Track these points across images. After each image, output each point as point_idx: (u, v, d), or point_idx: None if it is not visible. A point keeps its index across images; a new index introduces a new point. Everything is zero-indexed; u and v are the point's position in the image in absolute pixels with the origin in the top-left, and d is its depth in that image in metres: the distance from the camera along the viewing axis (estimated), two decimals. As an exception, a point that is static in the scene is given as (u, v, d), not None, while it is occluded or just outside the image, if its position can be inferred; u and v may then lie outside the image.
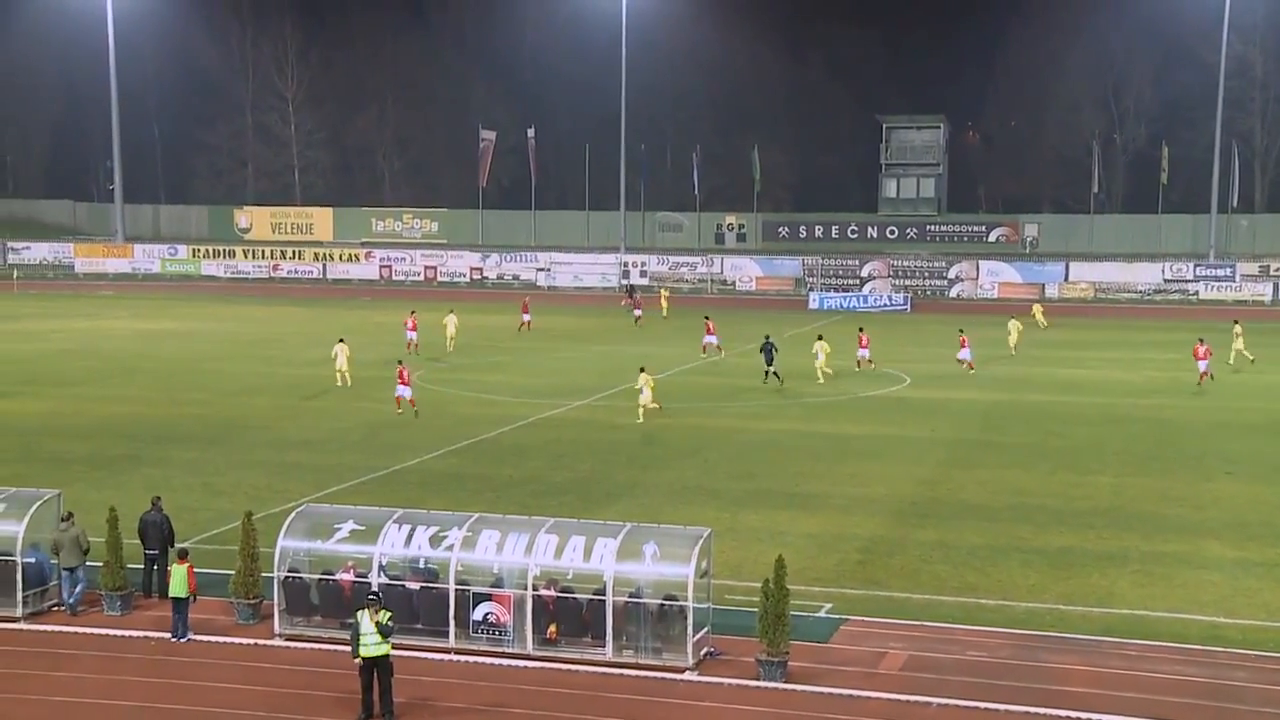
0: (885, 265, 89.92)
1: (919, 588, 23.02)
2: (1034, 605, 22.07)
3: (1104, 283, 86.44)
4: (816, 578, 23.41)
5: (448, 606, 19.82)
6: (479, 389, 45.01)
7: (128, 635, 20.62)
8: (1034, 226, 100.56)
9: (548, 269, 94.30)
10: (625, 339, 61.60)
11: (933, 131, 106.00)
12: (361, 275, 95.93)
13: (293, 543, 20.69)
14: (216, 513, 27.49)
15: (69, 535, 21.46)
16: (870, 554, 25.06)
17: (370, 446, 34.95)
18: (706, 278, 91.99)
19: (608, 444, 35.74)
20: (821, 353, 48.36)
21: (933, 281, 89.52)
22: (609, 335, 62.63)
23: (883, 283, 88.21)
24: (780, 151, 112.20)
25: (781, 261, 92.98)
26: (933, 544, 25.74)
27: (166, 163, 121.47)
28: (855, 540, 25.99)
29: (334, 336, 53.76)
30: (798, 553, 24.55)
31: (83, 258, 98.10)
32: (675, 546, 19.64)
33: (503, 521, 20.80)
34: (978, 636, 20.57)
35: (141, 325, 57.43)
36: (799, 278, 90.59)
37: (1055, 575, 23.71)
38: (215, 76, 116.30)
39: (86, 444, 34.68)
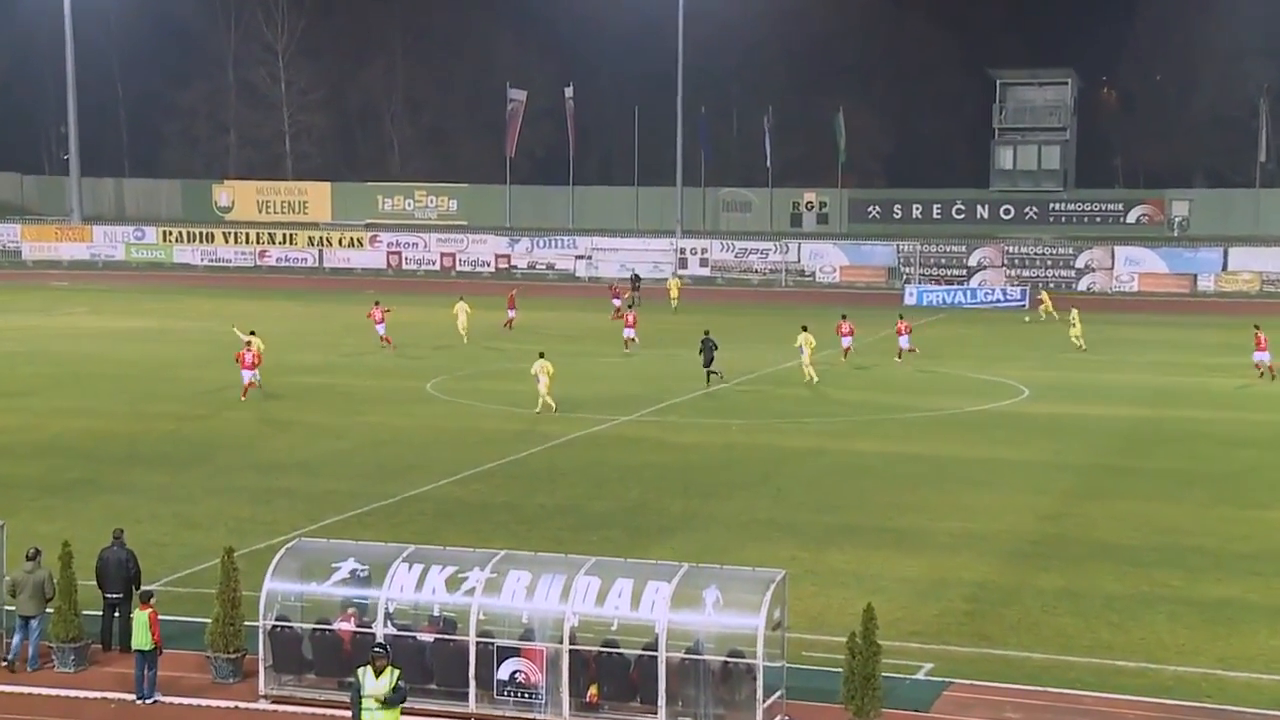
0: (998, 252, 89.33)
1: (1040, 645, 22.79)
2: (1185, 669, 21.78)
3: (1273, 273, 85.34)
4: (915, 631, 23.24)
5: (467, 663, 19.84)
6: (505, 400, 45.18)
7: (83, 696, 20.77)
8: (1183, 204, 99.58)
9: (588, 256, 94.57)
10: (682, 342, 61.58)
11: (1058, 89, 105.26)
12: (365, 264, 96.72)
13: (282, 585, 20.79)
14: (191, 548, 27.70)
15: (34, 578, 21.54)
16: (980, 603, 24.86)
17: (375, 469, 35.13)
18: (780, 267, 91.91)
19: (660, 467, 35.71)
20: (806, 347, 48.62)
21: (1057, 272, 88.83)
22: (661, 337, 62.63)
23: (995, 273, 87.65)
24: (871, 114, 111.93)
25: (871, 248, 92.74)
26: (1058, 592, 25.49)
27: (132, 128, 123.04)
28: (962, 586, 25.79)
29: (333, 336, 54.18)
30: (891, 601, 24.39)
31: (31, 241, 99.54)
32: (742, 592, 19.54)
33: (534, 560, 20.80)
34: (1114, 706, 20.33)
35: (102, 323, 58.21)
36: (893, 267, 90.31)
37: (1212, 633, 23.39)
38: (190, 25, 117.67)
39: (36, 465, 35.10)
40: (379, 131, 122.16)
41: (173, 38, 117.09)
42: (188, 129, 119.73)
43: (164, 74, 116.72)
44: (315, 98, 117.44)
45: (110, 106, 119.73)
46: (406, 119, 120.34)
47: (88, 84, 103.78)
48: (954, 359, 56.26)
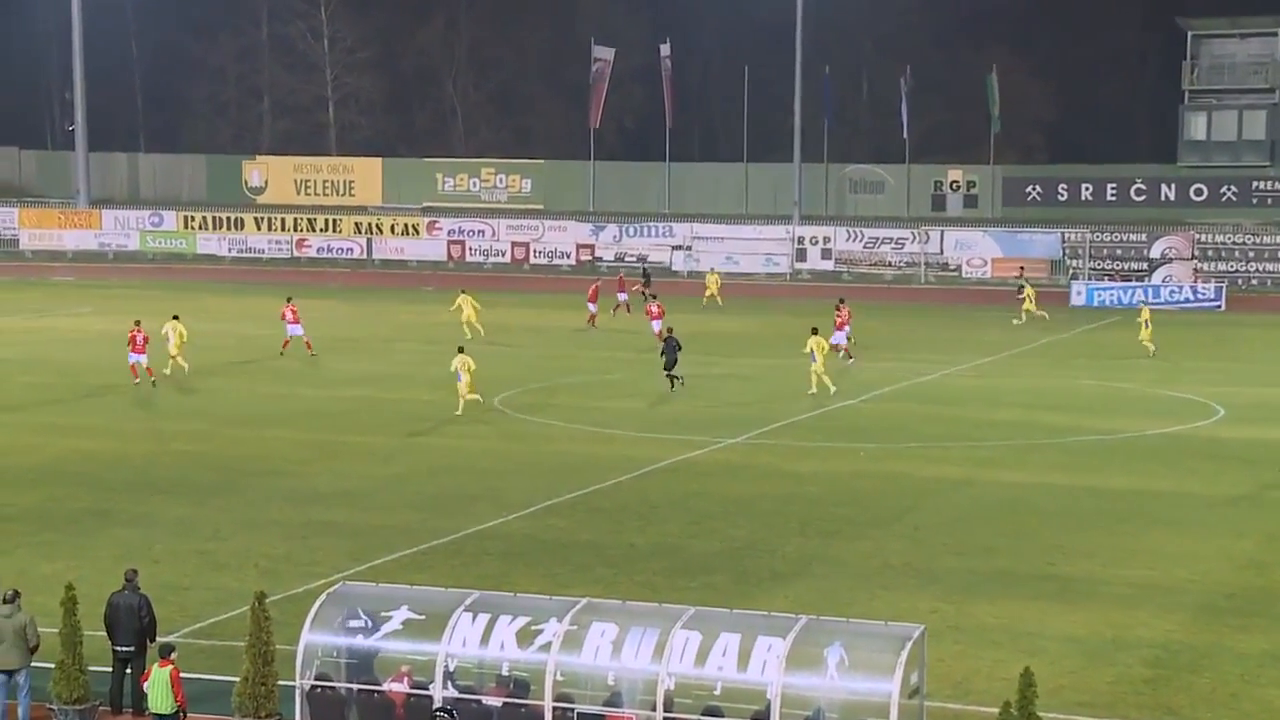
0: (1187, 242, 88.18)
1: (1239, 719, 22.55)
2: None
3: None
4: (1083, 701, 23.03)
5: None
6: (587, 418, 45.32)
7: (91, 764, 21.14)
8: None
9: (687, 247, 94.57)
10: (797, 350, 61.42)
11: (1264, 41, 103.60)
12: (422, 254, 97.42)
13: (323, 637, 20.99)
14: (216, 593, 28.08)
15: (13, 624, 21.94)
16: (1164, 667, 24.60)
17: (432, 500, 35.39)
18: (918, 259, 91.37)
19: (773, 500, 35.66)
20: (817, 353, 48.97)
21: (1260, 266, 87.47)
22: (779, 343, 62.51)
23: (1183, 268, 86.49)
24: (1030, 76, 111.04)
25: (1030, 236, 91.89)
26: (1261, 656, 25.16)
27: (148, 95, 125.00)
28: (1142, 647, 25.52)
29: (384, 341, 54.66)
30: (1054, 664, 24.18)
31: (30, 228, 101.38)
32: (872, 650, 19.47)
33: (621, 611, 20.84)
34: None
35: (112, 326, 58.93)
36: (1056, 260, 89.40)
37: None
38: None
39: (34, 493, 35.73)
40: (439, 98, 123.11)
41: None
42: (213, 95, 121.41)
43: (187, 31, 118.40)
44: (363, 57, 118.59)
45: (123, 69, 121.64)
46: (471, 83, 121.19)
47: (97, 42, 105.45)
48: (1132, 371, 55.64)
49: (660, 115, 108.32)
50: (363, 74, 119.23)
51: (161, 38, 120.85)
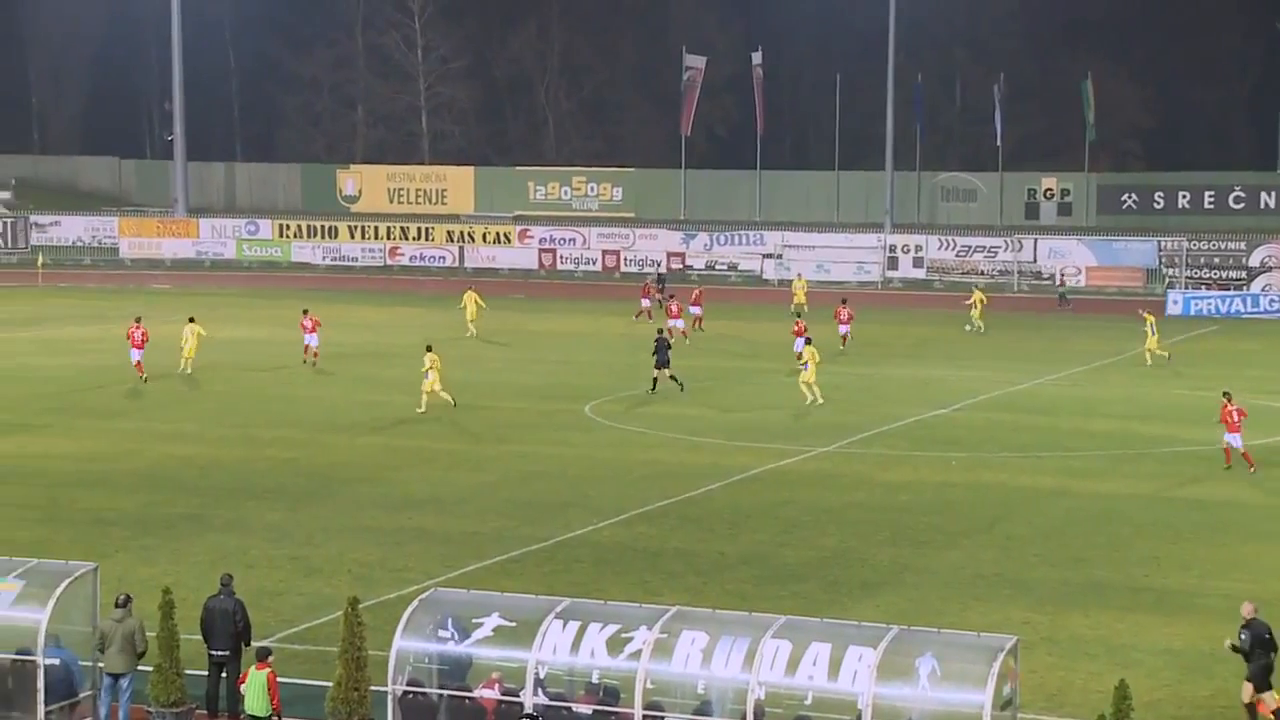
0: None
1: (1339, 736, 22.17)
2: None
3: None
4: (1179, 714, 22.81)
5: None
6: (678, 426, 45.32)
7: (186, 767, 21.38)
8: None
9: (779, 255, 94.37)
10: (896, 358, 61.19)
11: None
12: (514, 263, 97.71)
13: (415, 643, 21.12)
14: (309, 598, 28.32)
15: (123, 628, 22.19)
16: (1262, 683, 24.28)
17: (524, 507, 35.51)
18: (1011, 268, 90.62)
19: (864, 509, 35.55)
20: (810, 363, 48.85)
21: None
22: (869, 352, 62.26)
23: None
24: (1127, 81, 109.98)
25: (1126, 244, 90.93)
26: (1360, 670, 24.77)
27: (245, 105, 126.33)
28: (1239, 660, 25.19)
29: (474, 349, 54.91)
30: (1150, 676, 23.96)
31: (130, 237, 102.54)
32: (964, 662, 19.35)
33: (712, 619, 20.83)
34: None
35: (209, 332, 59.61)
36: (1152, 269, 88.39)
37: None
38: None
39: (133, 499, 36.22)
40: (531, 107, 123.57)
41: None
42: (308, 105, 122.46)
43: (283, 42, 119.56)
44: (457, 67, 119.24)
45: (221, 79, 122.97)
46: (563, 92, 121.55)
47: (195, 53, 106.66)
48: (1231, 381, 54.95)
49: (751, 123, 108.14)
50: (456, 83, 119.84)
51: (258, 49, 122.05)
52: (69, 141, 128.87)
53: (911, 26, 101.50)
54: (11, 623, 22.00)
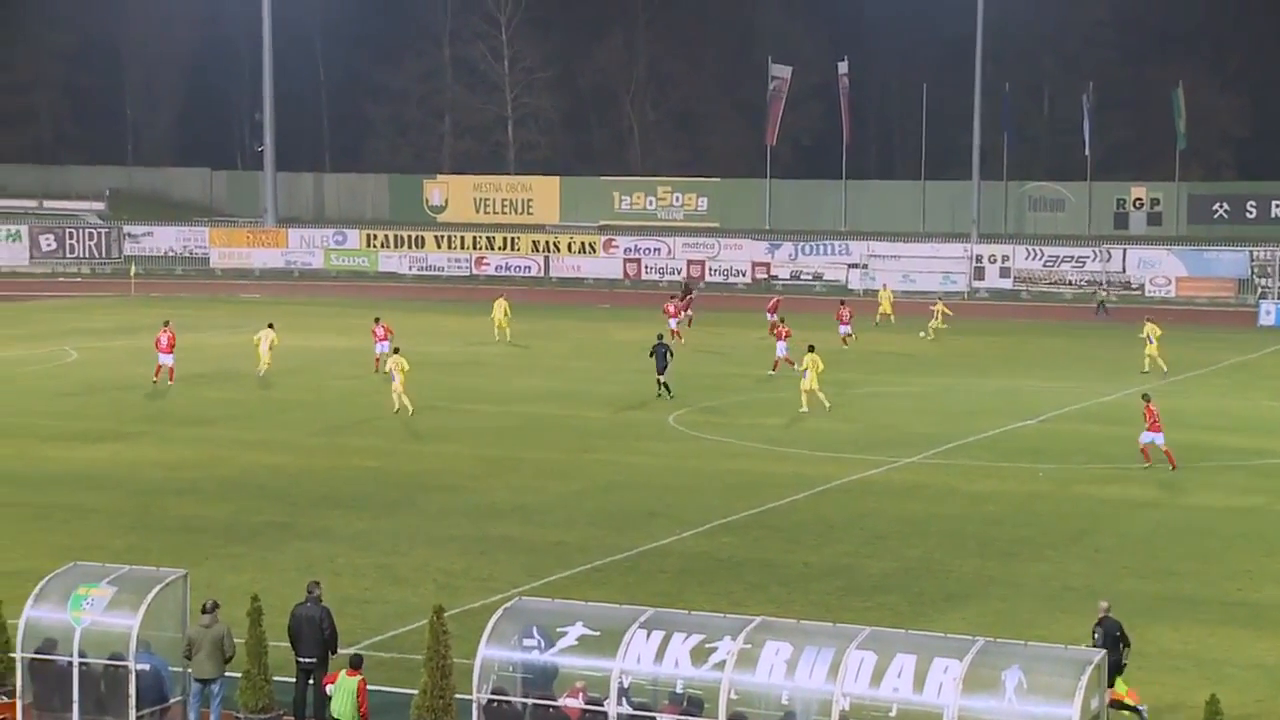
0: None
1: None
2: None
3: None
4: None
5: (715, 751, 19.91)
6: (762, 436, 45.27)
7: (274, 773, 21.55)
8: None
9: (864, 265, 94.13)
10: (983, 366, 60.84)
11: None
12: (599, 273, 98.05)
13: (499, 652, 21.16)
14: (395, 606, 28.46)
15: (211, 634, 22.43)
16: (1357, 699, 23.94)
17: (608, 516, 35.56)
18: (1099, 278, 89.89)
19: (950, 520, 35.36)
20: (811, 371, 49.04)
21: None
22: (955, 362, 61.93)
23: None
24: (1219, 89, 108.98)
25: (1217, 254, 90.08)
26: None
27: (334, 116, 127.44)
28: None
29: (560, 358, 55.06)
30: (1242, 692, 23.70)
31: (220, 247, 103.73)
32: (1051, 674, 19.18)
33: (796, 630, 20.76)
34: None
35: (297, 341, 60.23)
36: (1244, 279, 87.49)
37: None
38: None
39: (223, 506, 36.56)
40: (616, 117, 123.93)
41: (382, 8, 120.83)
42: (396, 116, 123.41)
43: (371, 53, 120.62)
44: (543, 77, 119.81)
45: (310, 91, 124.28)
46: (649, 102, 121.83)
47: (286, 65, 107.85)
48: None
49: (837, 133, 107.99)
50: (542, 93, 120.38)
51: (347, 60, 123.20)
52: (162, 153, 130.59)
53: (999, 35, 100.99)
54: (104, 628, 22.26)
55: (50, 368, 57.89)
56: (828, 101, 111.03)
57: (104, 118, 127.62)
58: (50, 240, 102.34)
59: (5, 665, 22.90)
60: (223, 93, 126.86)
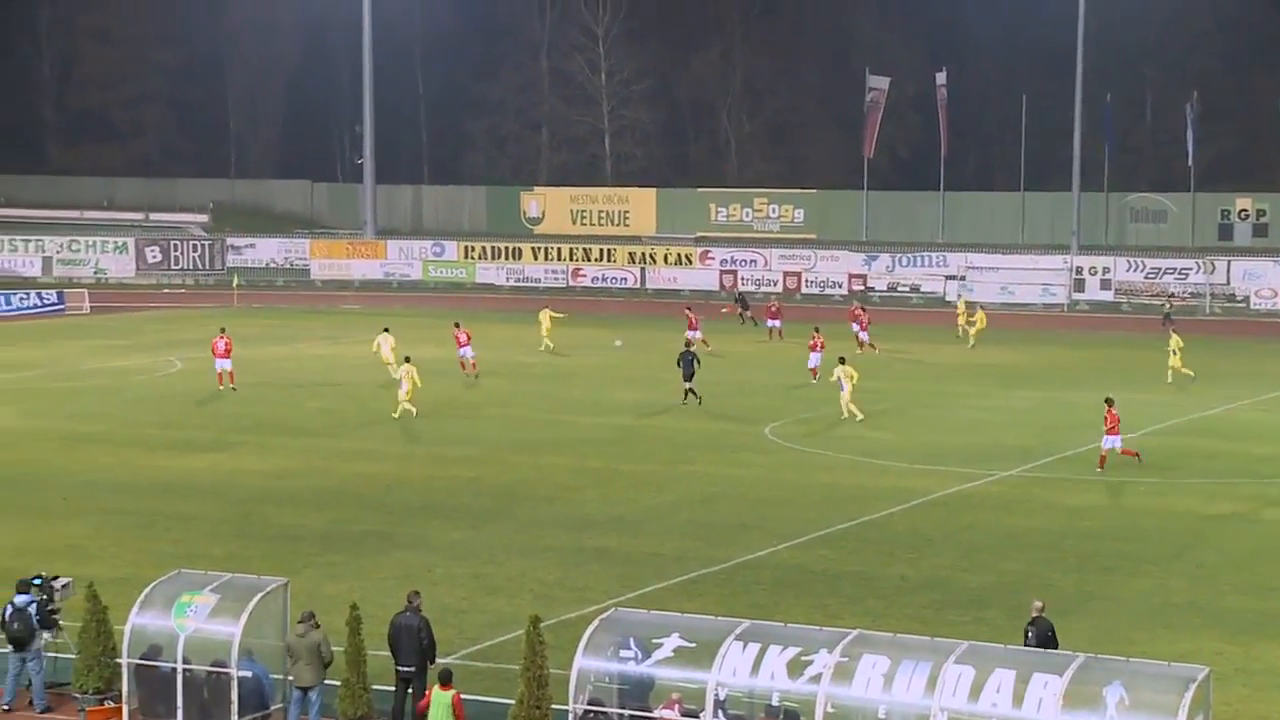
0: None
1: None
2: None
3: None
4: (1378, 752, 22.13)
5: (811, 764, 19.86)
6: (859, 449, 45.10)
7: (373, 782, 21.73)
8: None
9: (962, 277, 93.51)
10: (1082, 379, 60.29)
11: None
12: (694, 284, 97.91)
13: (596, 662, 21.23)
14: (491, 616, 28.62)
15: (307, 642, 22.72)
16: None
17: (703, 528, 35.57)
18: (1203, 290, 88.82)
19: (1048, 534, 35.10)
20: (846, 382, 49.43)
21: None
22: (1054, 375, 61.43)
23: None
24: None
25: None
26: None
27: (433, 128, 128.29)
28: None
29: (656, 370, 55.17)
30: (1348, 712, 23.32)
31: (320, 258, 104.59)
32: (1153, 691, 19.00)
33: (893, 643, 20.69)
34: None
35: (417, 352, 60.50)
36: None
37: None
38: (501, 7, 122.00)
39: (322, 515, 36.92)
40: (713, 128, 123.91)
41: (481, 22, 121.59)
42: (494, 128, 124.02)
43: (470, 66, 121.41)
44: (640, 89, 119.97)
45: (409, 104, 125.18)
46: (745, 113, 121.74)
47: (385, 78, 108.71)
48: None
49: (935, 144, 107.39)
50: (638, 106, 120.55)
51: (446, 73, 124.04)
52: (264, 165, 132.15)
53: (1100, 45, 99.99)
54: (207, 635, 22.59)
55: (156, 378, 58.69)
56: (925, 112, 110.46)
57: (208, 131, 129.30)
58: (156, 252, 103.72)
59: (112, 671, 23.28)
60: (324, 106, 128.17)
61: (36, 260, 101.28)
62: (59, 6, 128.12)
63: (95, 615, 23.47)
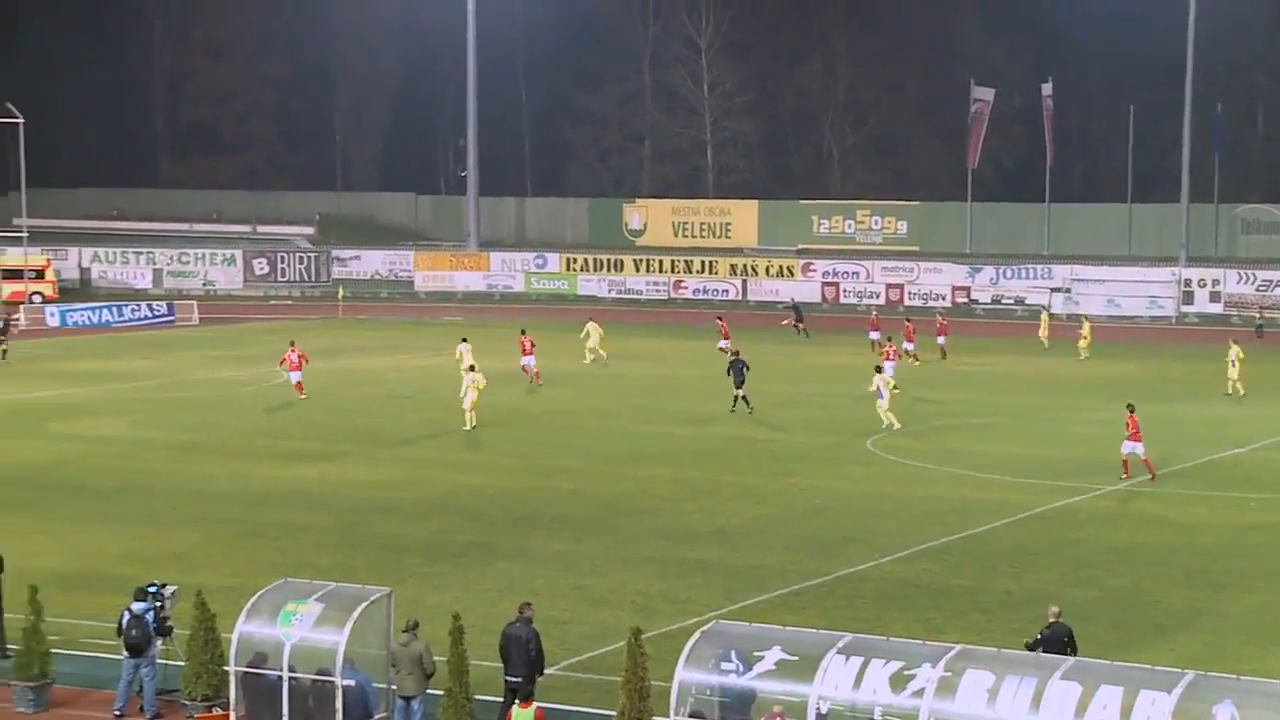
0: None
1: None
2: None
3: None
4: None
5: (914, 780, 19.75)
6: (962, 462, 44.79)
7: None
8: None
9: (1067, 289, 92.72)
10: (1191, 393, 59.55)
11: None
12: (796, 296, 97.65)
13: (697, 675, 21.20)
14: (593, 627, 28.67)
15: (410, 651, 22.87)
16: None
17: (805, 541, 35.47)
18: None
19: (1157, 549, 34.72)
20: (886, 390, 49.44)
21: None
22: (1162, 388, 60.71)
23: None
24: None
25: None
26: None
27: (535, 140, 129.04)
28: None
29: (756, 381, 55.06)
30: None
31: (424, 270, 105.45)
32: (1266, 710, 18.74)
33: (996, 659, 20.51)
34: None
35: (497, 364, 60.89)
36: None
37: None
38: (603, 19, 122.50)
39: (425, 526, 37.16)
40: (815, 140, 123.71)
41: (583, 34, 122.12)
42: (597, 140, 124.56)
43: (573, 78, 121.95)
44: (742, 101, 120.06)
45: (513, 116, 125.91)
46: (848, 125, 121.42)
47: (489, 90, 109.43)
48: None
49: (1040, 155, 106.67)
50: (740, 117, 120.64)
51: (549, 86, 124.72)
52: (369, 178, 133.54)
53: (1210, 53, 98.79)
54: (312, 644, 22.78)
55: (263, 388, 59.35)
56: (1031, 123, 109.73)
57: (314, 144, 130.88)
58: (263, 264, 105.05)
59: (219, 678, 23.56)
60: (428, 119, 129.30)
61: (148, 272, 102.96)
62: (171, 22, 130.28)
63: (203, 623, 23.75)
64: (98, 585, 30.91)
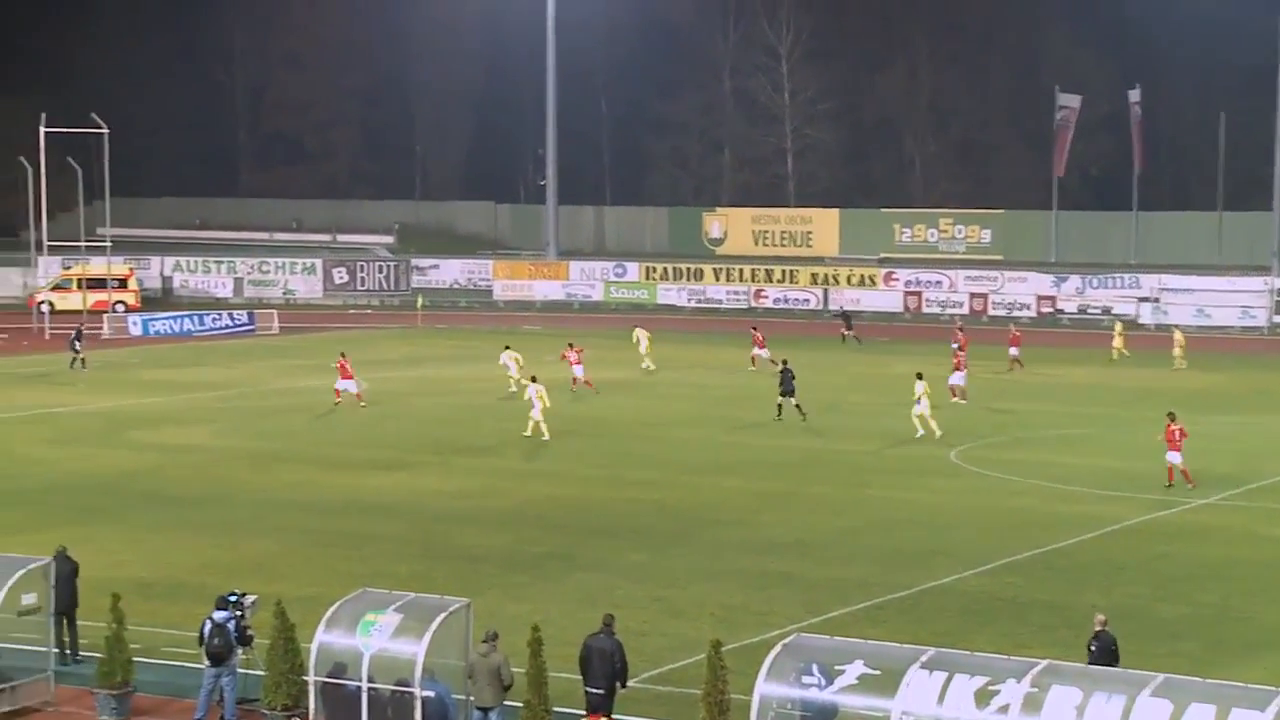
0: None
1: None
2: None
3: None
4: None
5: (999, 797, 19.57)
6: (1048, 474, 44.44)
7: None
8: None
9: (1155, 299, 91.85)
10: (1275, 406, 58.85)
11: None
12: (878, 305, 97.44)
13: (778, 688, 21.12)
14: (673, 639, 28.63)
15: (488, 663, 22.90)
16: None
17: (887, 553, 35.29)
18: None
19: (1249, 565, 34.34)
20: (925, 398, 49.47)
21: None
22: (1254, 400, 60.03)
23: None
24: None
25: None
26: None
27: (615, 149, 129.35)
28: None
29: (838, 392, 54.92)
30: None
31: (503, 279, 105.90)
32: (1360, 731, 18.41)
33: (1084, 674, 20.33)
34: None
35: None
36: None
37: None
38: (683, 27, 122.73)
39: (503, 536, 37.25)
40: (897, 148, 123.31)
41: (663, 43, 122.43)
42: (677, 149, 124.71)
43: (652, 87, 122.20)
44: (823, 109, 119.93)
45: (592, 125, 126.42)
46: (930, 132, 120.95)
47: (569, 100, 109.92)
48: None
49: (1128, 162, 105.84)
50: (821, 125, 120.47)
51: (629, 95, 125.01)
52: (448, 187, 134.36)
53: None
54: (391, 654, 22.87)
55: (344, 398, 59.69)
56: (1118, 130, 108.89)
57: (394, 154, 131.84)
58: (343, 273, 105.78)
59: (298, 688, 23.68)
60: (507, 128, 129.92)
61: (228, 281, 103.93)
62: (253, 34, 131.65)
63: (283, 633, 23.89)
64: (178, 594, 31.21)
